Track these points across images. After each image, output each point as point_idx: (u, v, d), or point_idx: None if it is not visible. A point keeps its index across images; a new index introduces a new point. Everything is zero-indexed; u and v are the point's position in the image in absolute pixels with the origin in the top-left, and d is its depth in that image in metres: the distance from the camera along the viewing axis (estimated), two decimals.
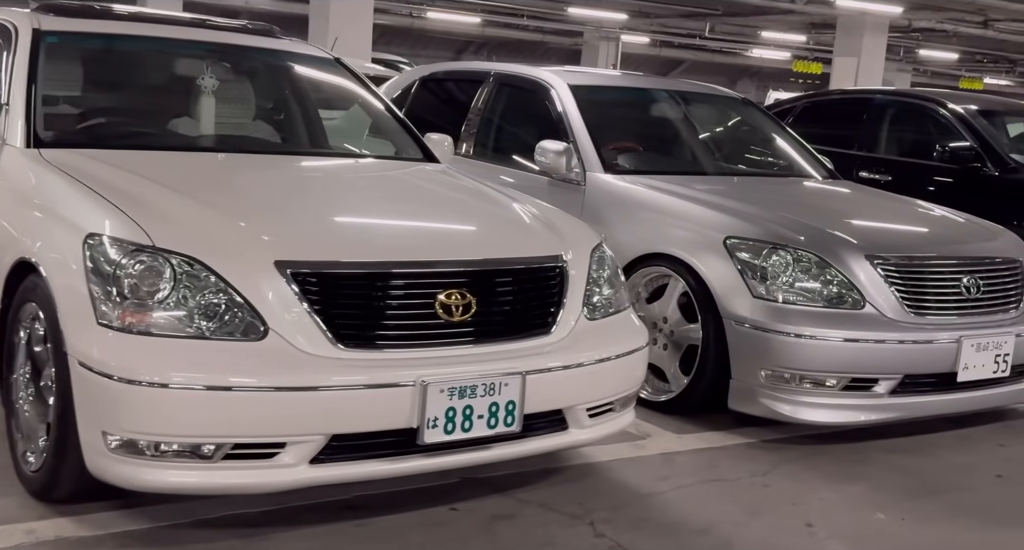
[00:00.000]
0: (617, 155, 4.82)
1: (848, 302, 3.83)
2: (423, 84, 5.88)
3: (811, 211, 4.42)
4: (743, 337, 3.83)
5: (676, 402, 4.06)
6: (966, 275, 4.03)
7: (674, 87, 5.47)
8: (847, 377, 3.79)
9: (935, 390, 3.93)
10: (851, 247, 3.93)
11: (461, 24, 20.06)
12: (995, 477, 3.66)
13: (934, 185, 6.67)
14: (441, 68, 6.03)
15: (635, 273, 4.23)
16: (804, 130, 7.78)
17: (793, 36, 19.46)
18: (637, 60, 26.34)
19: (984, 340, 3.94)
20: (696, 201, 4.26)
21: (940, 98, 6.99)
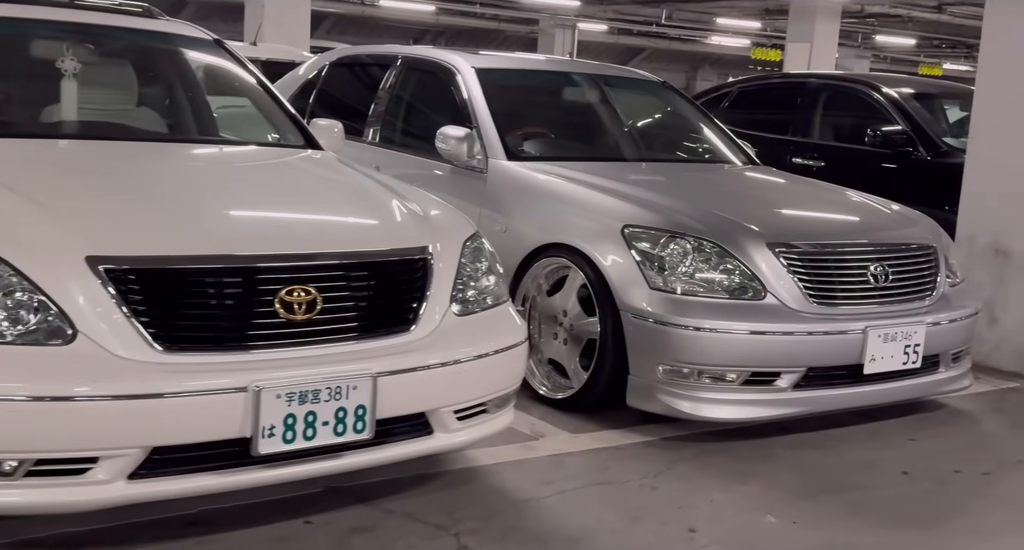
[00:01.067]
0: (523, 141, 4.63)
1: (749, 293, 3.66)
2: (333, 68, 5.65)
3: (718, 198, 4.25)
4: (640, 331, 3.65)
5: (576, 399, 3.88)
6: (874, 263, 3.86)
7: (590, 70, 5.26)
8: (747, 371, 3.62)
9: (841, 383, 3.77)
10: (753, 235, 3.75)
11: (415, 12, 19.76)
12: (900, 474, 3.50)
13: (867, 170, 6.53)
14: (351, 51, 5.80)
15: (535, 264, 4.05)
16: (739, 115, 7.66)
17: (749, 23, 19.33)
18: (597, 48, 26.15)
19: (892, 330, 3.78)
20: (597, 188, 4.07)
21: (874, 82, 6.85)
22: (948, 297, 4.09)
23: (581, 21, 19.92)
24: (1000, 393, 4.60)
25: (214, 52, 4.03)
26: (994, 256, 5.01)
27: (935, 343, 3.96)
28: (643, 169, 4.64)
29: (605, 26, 21.74)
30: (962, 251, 5.14)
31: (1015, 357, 4.94)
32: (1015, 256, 4.93)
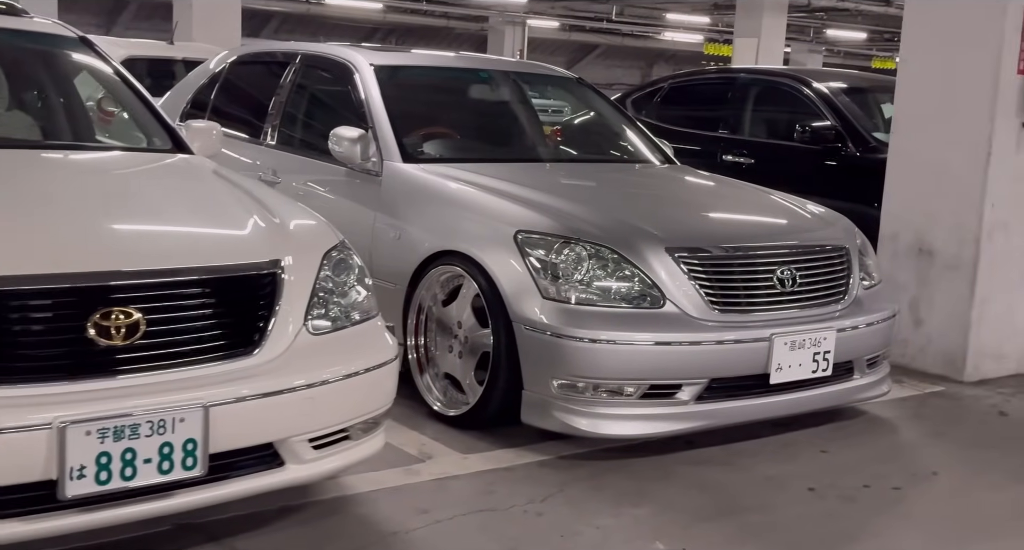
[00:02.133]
0: (423, 142, 4.40)
1: (647, 301, 3.45)
2: (235, 67, 5.39)
3: (623, 201, 4.04)
4: (533, 343, 3.43)
5: (471, 416, 3.66)
6: (781, 267, 3.67)
7: (500, 67, 5.05)
8: (645, 384, 3.42)
9: (746, 394, 3.58)
10: (651, 240, 3.55)
11: (362, 10, 19.44)
12: (806, 491, 3.31)
13: (796, 167, 6.37)
14: (253, 49, 5.53)
15: (429, 273, 3.82)
16: (671, 112, 7.48)
17: (697, 18, 19.22)
18: (550, 45, 25.99)
19: (800, 337, 3.60)
20: (493, 192, 3.85)
21: (804, 76, 6.69)
22: (862, 300, 3.91)
23: (531, 18, 19.71)
24: (923, 398, 4.44)
25: (79, 50, 3.76)
26: (917, 255, 4.85)
27: (847, 349, 3.78)
28: (548, 171, 4.42)
29: (557, 23, 21.55)
30: (885, 251, 4.99)
31: (940, 359, 4.78)
32: (938, 255, 4.77)
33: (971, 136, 4.64)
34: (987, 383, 4.68)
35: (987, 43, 4.56)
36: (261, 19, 21.71)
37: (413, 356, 3.89)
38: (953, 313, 4.73)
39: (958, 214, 4.69)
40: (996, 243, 4.67)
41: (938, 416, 4.20)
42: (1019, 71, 4.60)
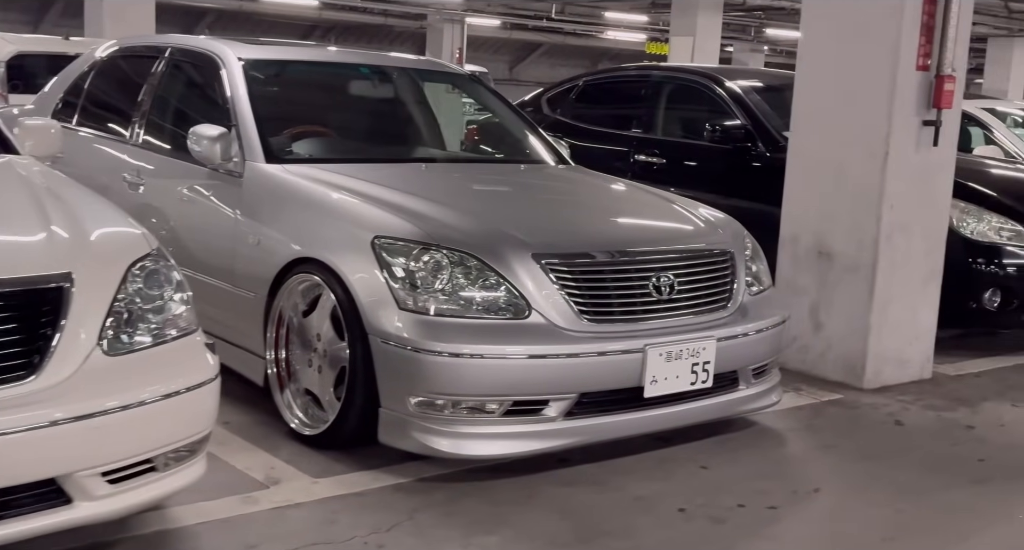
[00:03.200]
0: (293, 142, 4.14)
1: (511, 311, 3.23)
2: (108, 61, 5.08)
3: (497, 204, 3.82)
4: (390, 357, 3.20)
5: (329, 436, 3.41)
6: (657, 273, 3.47)
7: (383, 62, 4.80)
8: (509, 400, 3.20)
9: (619, 409, 3.37)
10: (518, 246, 3.33)
11: (298, 7, 19.05)
12: (676, 511, 3.12)
13: (707, 167, 6.21)
14: (124, 43, 5.22)
15: (288, 281, 3.57)
16: (585, 110, 7.28)
17: (636, 16, 19.11)
18: (493, 44, 25.77)
19: (677, 348, 3.40)
20: (356, 194, 3.60)
21: (716, 75, 6.51)
22: (748, 308, 3.73)
23: (470, 16, 19.46)
24: (819, 407, 4.28)
25: None
26: (817, 258, 4.69)
27: (730, 359, 3.59)
28: (425, 172, 4.18)
29: (498, 21, 21.33)
30: (786, 253, 4.83)
31: (840, 365, 4.63)
32: (838, 258, 4.62)
33: (868, 135, 4.48)
34: (888, 390, 4.54)
35: (884, 38, 4.41)
36: (193, 15, 21.21)
37: (273, 371, 3.64)
38: (853, 318, 4.58)
39: (856, 215, 4.54)
40: (896, 245, 4.53)
41: (831, 427, 4.03)
42: (918, 67, 4.46)
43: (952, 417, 4.20)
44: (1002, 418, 4.22)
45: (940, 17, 4.43)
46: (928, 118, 4.50)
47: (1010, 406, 4.39)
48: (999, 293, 5.06)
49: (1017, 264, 5.10)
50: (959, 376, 4.85)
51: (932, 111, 4.50)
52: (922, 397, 4.46)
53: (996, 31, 18.71)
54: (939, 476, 3.52)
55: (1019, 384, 4.75)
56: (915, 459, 3.69)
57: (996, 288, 5.06)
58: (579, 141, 7.03)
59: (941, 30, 4.43)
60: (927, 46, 4.45)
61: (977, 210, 5.15)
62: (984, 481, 3.50)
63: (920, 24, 4.41)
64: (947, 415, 4.22)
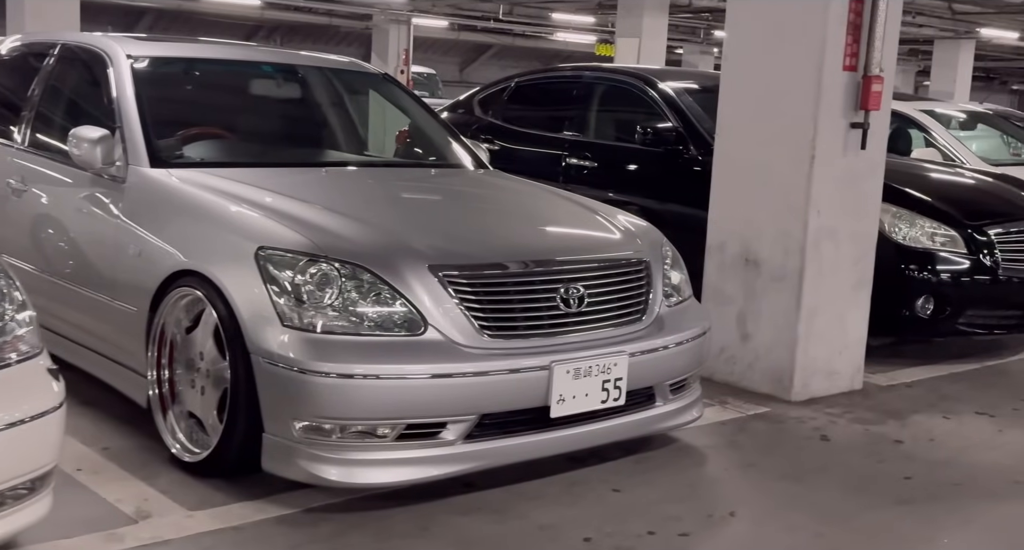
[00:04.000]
0: (185, 145, 3.88)
1: (404, 327, 3.01)
2: (3, 60, 4.76)
3: (398, 211, 3.58)
4: (273, 378, 2.95)
5: (211, 463, 3.16)
6: (565, 285, 3.26)
7: (289, 61, 4.54)
8: (402, 423, 2.98)
9: (524, 430, 3.16)
10: (414, 257, 3.10)
11: (239, 7, 18.64)
12: (581, 541, 2.91)
13: (639, 171, 6.03)
14: (24, 39, 4.90)
15: (169, 295, 3.31)
16: (518, 112, 7.07)
17: (582, 17, 18.97)
18: (443, 45, 25.51)
19: (585, 364, 3.19)
20: (242, 202, 3.34)
21: (649, 76, 6.32)
22: (664, 320, 3.53)
23: (416, 16, 19.18)
24: (744, 422, 4.10)
25: None
26: (744, 266, 4.52)
27: (645, 375, 3.40)
28: (327, 177, 3.94)
29: (445, 22, 21.08)
30: (712, 261, 4.66)
31: (768, 377, 4.46)
32: (764, 265, 4.45)
33: (794, 137, 4.32)
34: (817, 402, 4.37)
35: (810, 37, 4.25)
36: (133, 15, 20.68)
37: (155, 392, 3.38)
38: (780, 328, 4.41)
39: (783, 221, 4.37)
40: (823, 252, 4.37)
41: (754, 443, 3.85)
42: (845, 67, 4.30)
43: (880, 431, 4.05)
44: (932, 432, 4.07)
45: (867, 16, 4.28)
46: (856, 120, 4.35)
47: (941, 419, 4.26)
48: (932, 300, 4.93)
49: (951, 270, 4.97)
50: (891, 386, 4.70)
51: (860, 113, 4.35)
52: (851, 410, 4.31)
53: (942, 33, 18.86)
54: (862, 496, 3.36)
55: (952, 395, 4.62)
56: (838, 478, 3.52)
57: (929, 295, 4.93)
58: (511, 144, 6.85)
59: (868, 29, 4.29)
60: (854, 46, 4.30)
61: (910, 215, 5.02)
62: (908, 501, 3.34)
63: (846, 23, 4.26)
64: (875, 429, 4.07)
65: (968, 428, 4.15)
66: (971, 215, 5.13)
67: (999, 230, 5.12)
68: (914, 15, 15.10)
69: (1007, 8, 14.14)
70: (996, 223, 5.14)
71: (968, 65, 20.48)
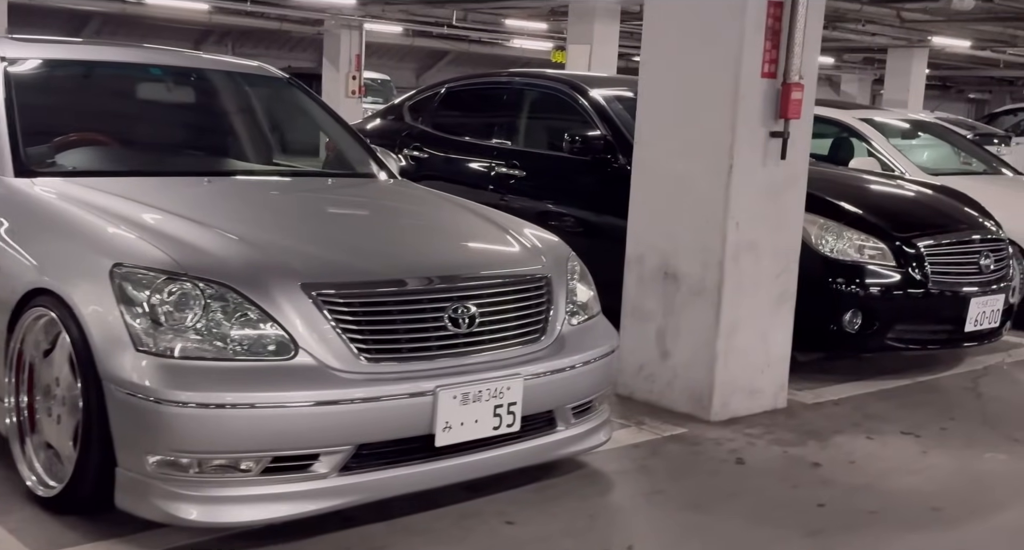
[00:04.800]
0: (57, 152, 3.62)
1: (272, 351, 2.78)
2: None
3: (276, 225, 3.33)
4: (126, 408, 2.71)
5: (65, 498, 2.91)
6: (455, 304, 3.05)
7: (183, 63, 4.28)
8: (267, 456, 2.75)
9: (407, 460, 2.93)
10: (285, 274, 2.87)
11: (187, 11, 18.26)
12: None
13: (567, 180, 5.84)
14: None
15: (24, 315, 3.05)
16: (447, 119, 6.86)
17: (535, 23, 18.82)
18: (398, 51, 25.26)
19: (475, 389, 2.98)
20: (105, 214, 3.09)
21: (579, 82, 6.14)
22: (567, 339, 3.33)
23: (368, 22, 18.91)
24: (658, 444, 3.91)
25: None
26: (663, 280, 4.34)
27: (543, 398, 3.20)
28: (207, 187, 3.69)
29: (399, 28, 20.82)
30: (631, 274, 4.47)
31: (687, 396, 4.28)
32: (683, 280, 4.27)
33: (712, 147, 4.15)
34: (737, 422, 4.20)
35: (726, 42, 4.08)
36: (79, 19, 20.25)
37: (12, 420, 3.11)
38: (699, 344, 4.23)
39: (701, 234, 4.20)
40: (743, 266, 4.20)
41: (666, 467, 3.66)
42: (763, 74, 4.14)
43: (799, 453, 3.87)
44: (853, 454, 3.90)
45: (787, 21, 4.13)
46: (776, 129, 4.19)
47: (864, 439, 4.09)
48: (860, 315, 4.78)
49: (879, 284, 4.83)
50: (817, 404, 4.54)
51: (780, 122, 4.19)
52: (772, 430, 4.14)
53: (895, 42, 18.93)
54: (770, 526, 3.17)
55: (878, 413, 4.46)
56: (748, 505, 3.34)
57: (857, 309, 4.77)
58: (440, 152, 6.64)
59: (788, 35, 4.13)
60: (773, 52, 4.14)
61: (837, 227, 4.87)
62: (818, 532, 3.15)
63: (764, 27, 4.09)
64: (794, 451, 3.90)
65: (891, 449, 3.99)
66: (901, 227, 4.99)
67: (929, 242, 4.98)
68: (864, 23, 15.09)
69: (956, 16, 14.14)
70: (926, 235, 5.01)
71: (921, 74, 20.58)
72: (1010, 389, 5.02)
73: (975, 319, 4.98)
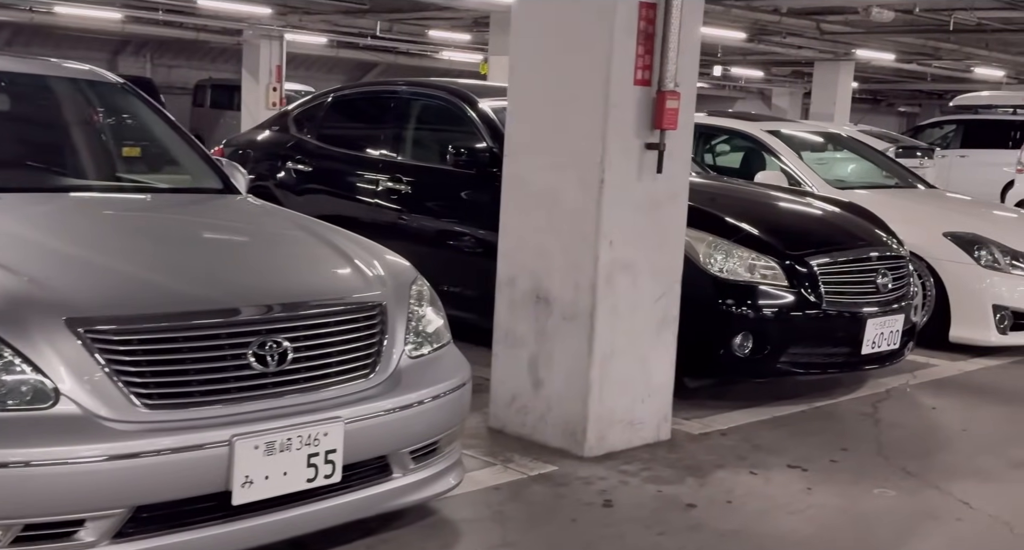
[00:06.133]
0: None
1: (28, 399, 2.37)
2: None
3: (56, 251, 2.87)
4: None
5: None
6: (261, 339, 2.66)
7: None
8: (18, 524, 2.34)
9: (199, 522, 2.54)
10: (46, 310, 2.46)
11: (100, 20, 17.60)
12: None
13: (452, 195, 5.51)
14: None
15: None
16: (333, 130, 6.47)
17: (459, 35, 18.52)
18: (326, 63, 24.79)
19: (282, 436, 2.60)
20: None
21: (468, 92, 5.81)
22: (404, 374, 2.97)
23: (289, 32, 18.43)
24: (522, 485, 3.56)
25: None
26: (535, 303, 4.00)
27: (372, 443, 2.83)
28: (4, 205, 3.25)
29: (323, 38, 20.36)
30: (503, 297, 4.13)
31: (561, 430, 3.94)
32: (556, 303, 3.94)
33: (583, 160, 3.83)
34: (614, 457, 3.87)
35: (595, 46, 3.77)
36: None
37: None
38: (572, 373, 3.90)
39: (572, 254, 3.87)
40: (617, 288, 3.88)
41: (525, 513, 3.31)
42: (636, 81, 3.84)
43: (673, 493, 3.55)
44: (732, 492, 3.60)
45: (661, 24, 3.83)
46: (651, 140, 3.89)
47: (747, 474, 3.79)
48: (751, 338, 4.49)
49: (771, 305, 4.54)
50: (703, 435, 4.23)
51: (656, 132, 3.89)
52: (650, 465, 3.81)
53: (821, 55, 18.98)
54: None
55: (768, 443, 4.17)
56: None
57: (748, 332, 4.49)
58: (325, 165, 6.25)
59: (662, 39, 3.83)
60: (647, 57, 3.84)
61: (727, 245, 4.58)
62: None
63: (637, 31, 3.79)
64: (669, 490, 3.58)
65: (774, 486, 3.69)
66: (794, 245, 4.72)
67: (825, 260, 4.72)
68: (784, 35, 15.05)
69: (877, 28, 14.15)
70: (821, 253, 4.74)
71: (848, 86, 20.69)
72: (910, 414, 4.77)
73: (872, 341, 4.73)
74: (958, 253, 6.01)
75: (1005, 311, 5.90)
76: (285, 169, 6.40)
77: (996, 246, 6.05)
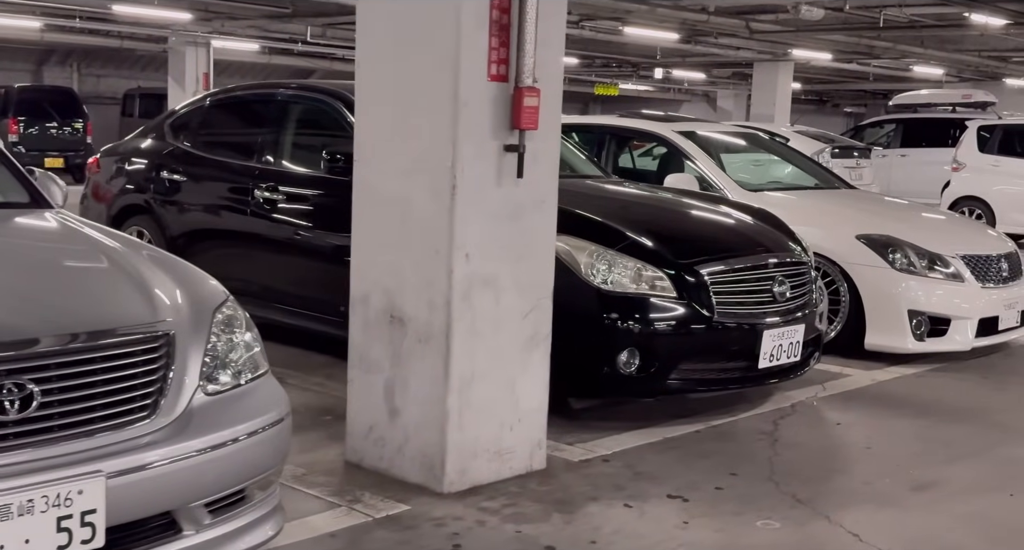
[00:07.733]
0: None
1: None
2: None
3: None
4: None
5: None
6: (15, 376, 2.27)
7: None
8: None
9: None
10: None
11: (17, 30, 16.95)
12: None
13: (328, 204, 5.09)
14: None
15: None
16: (210, 137, 6.02)
17: None
18: (260, 70, 24.25)
19: (20, 498, 2.18)
20: None
21: (345, 92, 5.37)
22: (196, 414, 2.56)
23: (216, 38, 17.90)
24: (365, 529, 3.16)
25: None
26: (390, 324, 3.62)
27: (148, 499, 2.41)
28: None
29: (255, 45, 19.86)
30: (357, 317, 3.75)
31: (418, 464, 3.55)
32: (411, 323, 3.55)
33: (434, 164, 3.46)
34: (476, 493, 3.49)
35: (442, 38, 3.41)
36: None
37: None
38: (429, 400, 3.52)
39: (426, 268, 3.50)
40: (477, 305, 3.50)
41: None
42: (491, 77, 3.47)
43: (534, 534, 3.18)
44: (600, 529, 3.24)
45: (516, 13, 3.48)
46: (510, 142, 3.53)
47: (622, 507, 3.43)
48: (637, 354, 4.15)
49: (658, 318, 4.20)
50: (584, 462, 3.87)
51: (515, 133, 3.53)
52: (515, 501, 3.44)
53: (760, 56, 18.85)
54: None
55: (651, 470, 3.81)
56: None
57: (633, 348, 4.14)
58: (200, 174, 5.82)
59: (519, 29, 3.48)
60: (502, 50, 3.48)
61: (611, 254, 4.23)
62: None
63: (489, 21, 3.43)
64: (529, 530, 3.20)
65: (648, 520, 3.33)
66: (684, 253, 4.38)
67: (717, 268, 4.38)
68: (716, 36, 14.85)
69: (807, 27, 13.98)
70: (714, 260, 4.40)
71: (787, 87, 20.60)
72: (812, 432, 4.45)
73: (771, 354, 4.40)
74: (871, 256, 5.72)
75: (921, 316, 5.63)
76: (159, 179, 5.96)
77: (911, 248, 5.77)
